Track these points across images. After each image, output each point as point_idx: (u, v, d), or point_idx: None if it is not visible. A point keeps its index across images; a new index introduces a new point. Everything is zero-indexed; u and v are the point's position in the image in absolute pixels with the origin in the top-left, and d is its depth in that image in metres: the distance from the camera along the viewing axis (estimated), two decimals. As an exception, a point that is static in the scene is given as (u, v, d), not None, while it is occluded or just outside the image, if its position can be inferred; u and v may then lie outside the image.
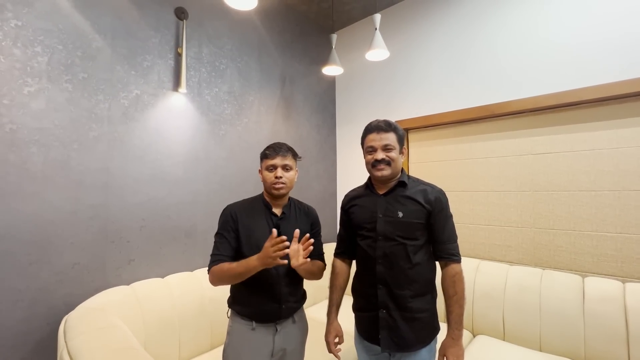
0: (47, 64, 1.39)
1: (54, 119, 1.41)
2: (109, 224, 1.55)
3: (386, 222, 1.15)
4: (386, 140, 1.14)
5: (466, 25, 2.16)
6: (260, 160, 1.24)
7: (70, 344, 1.11)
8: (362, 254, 1.21)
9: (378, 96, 2.63)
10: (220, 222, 1.20)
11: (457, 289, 1.11)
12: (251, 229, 1.18)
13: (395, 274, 1.12)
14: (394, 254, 1.12)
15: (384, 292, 1.13)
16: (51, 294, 1.38)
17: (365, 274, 1.20)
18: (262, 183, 1.24)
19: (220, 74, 2.05)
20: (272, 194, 1.21)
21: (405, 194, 1.16)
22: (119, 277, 1.58)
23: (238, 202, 1.26)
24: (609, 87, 1.66)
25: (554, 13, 1.83)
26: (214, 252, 1.16)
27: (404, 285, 1.11)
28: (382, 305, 1.13)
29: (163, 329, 1.50)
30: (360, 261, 1.23)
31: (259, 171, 1.26)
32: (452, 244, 1.14)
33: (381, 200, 1.18)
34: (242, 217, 1.19)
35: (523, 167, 1.97)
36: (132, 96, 1.64)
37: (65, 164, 1.43)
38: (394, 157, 1.14)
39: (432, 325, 1.14)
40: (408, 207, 1.14)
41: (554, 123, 1.87)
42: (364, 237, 1.19)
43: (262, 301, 1.16)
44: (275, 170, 1.19)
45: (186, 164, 1.86)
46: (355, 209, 1.25)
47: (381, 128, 1.16)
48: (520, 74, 1.94)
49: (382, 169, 1.14)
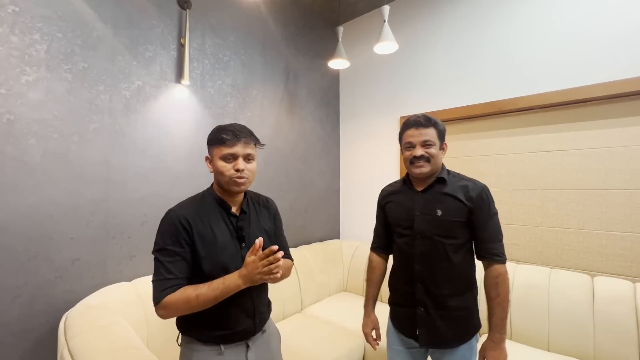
0: (46, 53, 1.34)
1: (53, 110, 1.36)
2: (109, 219, 1.51)
3: (424, 220, 1.11)
4: (425, 136, 1.09)
5: (474, 19, 2.12)
6: (211, 145, 0.97)
7: (71, 342, 1.08)
8: (399, 251, 1.19)
9: (383, 91, 2.59)
10: (163, 234, 0.90)
11: (500, 291, 1.06)
12: (210, 238, 0.93)
13: (434, 273, 1.09)
14: (432, 253, 1.09)
15: (422, 290, 1.10)
16: (51, 291, 1.34)
17: (402, 271, 1.17)
18: (215, 176, 0.99)
19: (223, 66, 2.00)
20: (230, 190, 0.97)
21: (445, 190, 1.11)
22: (120, 274, 1.54)
23: (182, 203, 0.97)
24: (621, 84, 1.62)
25: (564, 8, 1.79)
26: (161, 277, 0.88)
27: (442, 284, 1.08)
28: (420, 303, 1.11)
29: (165, 327, 1.47)
30: (398, 258, 1.21)
31: (206, 160, 1.00)
32: (496, 244, 1.09)
33: (419, 198, 1.14)
34: (196, 224, 0.92)
35: (531, 165, 1.94)
36: (133, 87, 1.59)
37: (65, 157, 1.39)
38: (433, 153, 1.09)
39: (471, 323, 1.11)
40: (447, 204, 1.09)
41: (563, 120, 1.84)
42: (401, 234, 1.16)
43: (235, 320, 0.96)
44: (234, 160, 0.94)
45: (189, 158, 1.81)
46: (391, 206, 1.22)
47: (420, 123, 1.10)
48: (530, 70, 1.91)
49: (421, 166, 1.09)
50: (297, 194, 2.48)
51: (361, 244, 2.56)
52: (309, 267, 2.26)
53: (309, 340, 1.71)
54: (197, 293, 0.86)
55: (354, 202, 2.79)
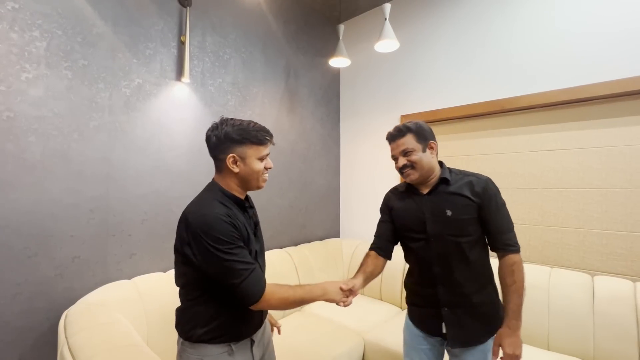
0: (46, 50, 1.34)
1: (53, 107, 1.36)
2: (110, 217, 1.51)
3: (435, 222, 1.10)
4: (402, 146, 1.12)
5: (476, 18, 2.11)
6: (243, 144, 0.92)
7: (72, 340, 1.08)
8: (414, 255, 1.17)
9: (383, 90, 2.58)
10: (222, 235, 0.86)
11: (516, 278, 1.05)
12: (245, 234, 0.94)
13: (454, 273, 1.08)
14: (449, 253, 1.08)
15: (445, 291, 1.10)
16: (51, 288, 1.34)
17: (421, 275, 1.16)
18: (242, 174, 0.94)
19: (224, 64, 1.99)
20: (258, 187, 0.98)
21: (450, 190, 1.11)
22: (121, 272, 1.54)
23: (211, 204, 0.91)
24: (623, 83, 1.62)
25: (565, 6, 1.78)
26: (247, 272, 0.87)
27: (464, 283, 1.08)
28: (445, 304, 1.10)
29: (166, 325, 1.47)
30: (414, 262, 1.19)
31: (230, 158, 0.93)
32: (509, 234, 1.09)
33: (426, 200, 1.13)
34: (237, 223, 0.92)
35: (532, 164, 1.94)
36: (134, 85, 1.59)
37: (65, 154, 1.38)
38: (415, 159, 1.10)
39: (496, 316, 1.11)
40: (455, 203, 1.09)
41: (564, 119, 1.83)
42: (414, 239, 1.15)
43: (248, 318, 0.96)
44: (266, 159, 0.98)
45: (189, 155, 1.81)
46: (398, 212, 1.20)
47: (394, 136, 1.14)
48: (531, 68, 1.90)
49: (409, 174, 1.11)
50: (298, 192, 2.48)
51: (361, 242, 2.56)
52: (309, 266, 2.26)
53: (308, 339, 1.72)
54: (294, 294, 0.94)
55: (354, 201, 2.78)
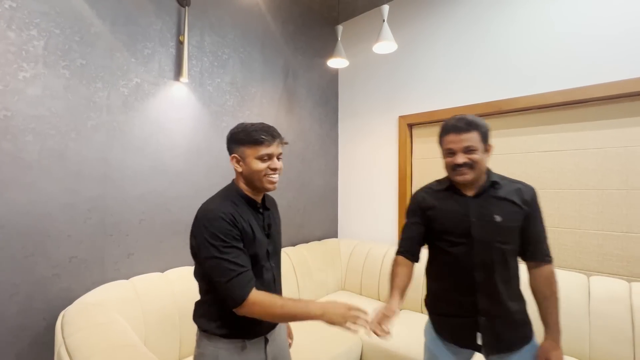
0: (44, 49, 1.33)
1: (51, 107, 1.35)
2: (107, 217, 1.51)
3: (482, 227, 1.03)
4: (467, 142, 1.01)
5: (474, 19, 2.12)
6: (243, 145, 0.95)
7: (69, 340, 1.07)
8: (451, 260, 1.08)
9: (382, 90, 2.59)
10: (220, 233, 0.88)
11: (555, 288, 1.05)
12: (250, 234, 0.95)
13: (496, 281, 1.03)
14: (493, 260, 1.03)
15: (485, 299, 1.04)
16: (48, 288, 1.34)
17: (456, 281, 1.08)
18: (246, 175, 0.98)
19: (222, 64, 1.99)
20: (263, 188, 0.98)
21: (499, 194, 1.05)
22: (118, 272, 1.54)
23: (218, 202, 0.96)
24: (619, 85, 1.63)
25: (563, 9, 1.79)
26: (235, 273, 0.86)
27: (503, 291, 1.04)
28: (483, 313, 1.04)
29: (163, 325, 1.47)
30: (448, 267, 1.10)
31: (233, 159, 0.98)
32: (546, 243, 1.07)
33: (472, 203, 1.06)
34: (240, 222, 0.93)
35: (529, 165, 1.95)
36: (132, 84, 1.59)
37: (63, 154, 1.38)
38: (476, 159, 1.01)
39: (527, 321, 1.09)
40: (505, 209, 1.03)
41: (561, 120, 1.85)
42: (454, 243, 1.07)
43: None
44: (269, 160, 0.96)
45: (187, 156, 1.81)
46: (437, 213, 1.10)
47: (460, 128, 1.01)
48: (529, 70, 1.91)
49: (465, 174, 1.02)
50: (296, 192, 2.48)
51: (359, 242, 2.56)
52: (307, 266, 2.26)
53: (306, 339, 1.72)
54: (282, 305, 0.88)
55: (352, 201, 2.79)
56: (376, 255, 2.36)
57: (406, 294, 1.09)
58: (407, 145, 2.44)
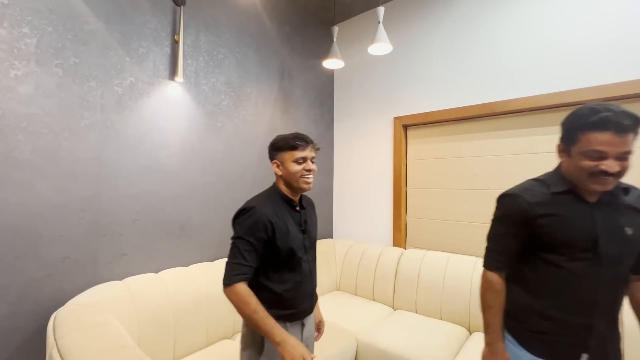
0: (36, 47, 1.31)
1: (43, 105, 1.33)
2: (100, 217, 1.49)
3: (613, 241, 0.87)
4: (627, 146, 0.80)
5: (468, 22, 2.15)
6: (282, 151, 1.12)
7: (61, 342, 1.06)
8: (565, 276, 0.91)
9: (377, 92, 2.60)
10: (247, 227, 1.04)
11: None
12: (285, 230, 1.09)
13: (617, 304, 0.92)
14: (619, 280, 0.90)
15: (603, 322, 0.90)
16: (39, 290, 1.32)
17: (571, 300, 0.92)
18: (285, 177, 1.13)
19: (217, 63, 1.98)
20: (300, 188, 1.13)
21: (627, 202, 0.90)
22: (111, 272, 1.52)
23: (261, 202, 1.10)
24: (608, 88, 1.67)
25: (555, 13, 1.83)
26: (236, 261, 1.02)
27: (618, 314, 0.93)
28: (597, 335, 0.90)
29: (157, 326, 1.46)
30: (560, 284, 0.92)
31: (274, 164, 1.15)
32: None
33: (597, 211, 0.89)
34: (276, 221, 1.07)
35: (521, 166, 1.98)
36: (126, 83, 1.57)
37: (55, 153, 1.36)
38: (628, 166, 0.83)
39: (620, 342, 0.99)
40: (634, 220, 0.89)
41: (552, 123, 1.88)
42: (575, 257, 0.89)
43: (301, 300, 1.14)
44: (304, 162, 1.12)
45: (182, 155, 1.80)
46: (555, 222, 0.91)
47: (625, 128, 0.79)
48: (521, 73, 1.94)
49: (609, 184, 0.84)
50: (291, 193, 2.48)
51: (354, 243, 2.57)
52: (302, 266, 2.26)
53: (301, 339, 1.71)
54: (256, 309, 0.99)
55: (347, 202, 2.80)
56: (371, 255, 2.37)
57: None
58: (402, 146, 2.46)
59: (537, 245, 0.95)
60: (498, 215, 1.02)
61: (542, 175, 1.01)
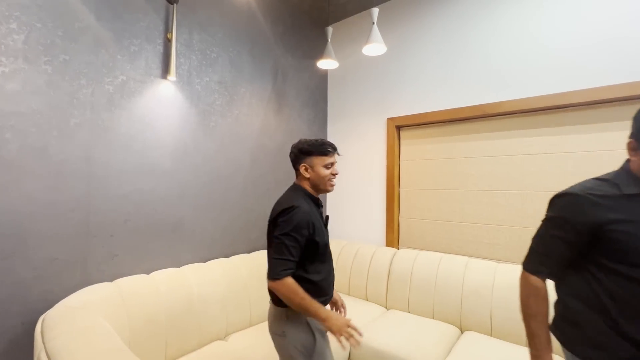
0: (24, 43, 1.28)
1: (31, 103, 1.30)
2: (91, 217, 1.47)
3: None
4: None
5: (461, 24, 2.17)
6: (312, 155, 1.23)
7: (49, 344, 1.04)
8: (636, 290, 0.83)
9: (371, 92, 2.61)
10: (295, 223, 1.13)
11: None
12: (319, 227, 1.22)
13: None
14: None
15: None
16: (27, 291, 1.29)
17: (637, 315, 0.83)
18: (313, 179, 1.25)
19: (211, 63, 1.97)
20: (326, 190, 1.27)
21: None
22: (102, 273, 1.50)
23: (300, 201, 1.19)
24: (597, 91, 1.70)
25: (546, 17, 1.86)
26: (284, 256, 1.11)
27: None
28: None
29: (149, 328, 1.44)
30: (627, 296, 0.83)
31: (302, 167, 1.25)
32: None
33: None
34: (315, 220, 1.19)
35: (513, 168, 2.01)
36: (117, 82, 1.55)
37: (44, 152, 1.33)
38: None
39: None
40: None
41: (543, 125, 1.91)
42: None
43: (330, 289, 1.27)
44: (331, 167, 1.25)
45: (174, 155, 1.78)
46: (630, 228, 0.81)
47: None
48: (512, 75, 1.97)
49: None
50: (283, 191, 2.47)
51: (347, 243, 2.58)
52: (295, 267, 2.26)
53: (295, 339, 1.71)
54: (303, 296, 1.10)
55: (340, 202, 2.80)
56: (364, 255, 2.38)
57: None
58: (395, 147, 2.47)
59: (601, 253, 0.85)
60: (552, 215, 0.92)
61: (605, 174, 0.90)
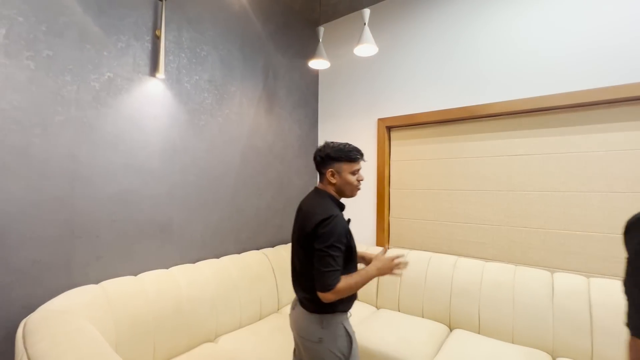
0: (5, 37, 1.24)
1: (12, 100, 1.26)
2: (75, 217, 1.42)
3: None
4: None
5: (450, 27, 2.21)
6: (340, 161, 1.23)
7: (32, 350, 1.00)
8: None
9: (362, 93, 2.63)
10: (337, 233, 1.14)
11: None
12: (351, 234, 1.24)
13: None
14: None
15: None
16: (7, 295, 1.24)
17: None
18: (340, 185, 1.25)
19: (200, 61, 1.94)
20: (352, 195, 1.27)
21: None
22: (87, 276, 1.45)
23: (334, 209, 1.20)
24: (581, 94, 1.75)
25: (533, 22, 1.91)
26: (332, 268, 1.11)
27: None
28: None
29: (136, 331, 1.41)
30: None
31: (329, 172, 1.24)
32: None
33: None
34: (349, 228, 1.22)
35: (500, 168, 2.05)
36: (104, 79, 1.51)
37: (25, 150, 1.29)
38: None
39: None
40: None
41: (529, 126, 1.96)
42: None
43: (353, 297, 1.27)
44: (358, 173, 1.26)
45: (162, 154, 1.74)
46: None
47: None
48: (500, 78, 2.01)
49: None
50: (275, 192, 2.46)
51: (338, 243, 2.58)
52: (286, 267, 2.25)
53: (286, 341, 1.71)
54: (356, 281, 1.14)
55: (331, 202, 2.80)
56: (355, 255, 2.39)
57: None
58: (386, 148, 2.49)
59: None
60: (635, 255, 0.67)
61: None
